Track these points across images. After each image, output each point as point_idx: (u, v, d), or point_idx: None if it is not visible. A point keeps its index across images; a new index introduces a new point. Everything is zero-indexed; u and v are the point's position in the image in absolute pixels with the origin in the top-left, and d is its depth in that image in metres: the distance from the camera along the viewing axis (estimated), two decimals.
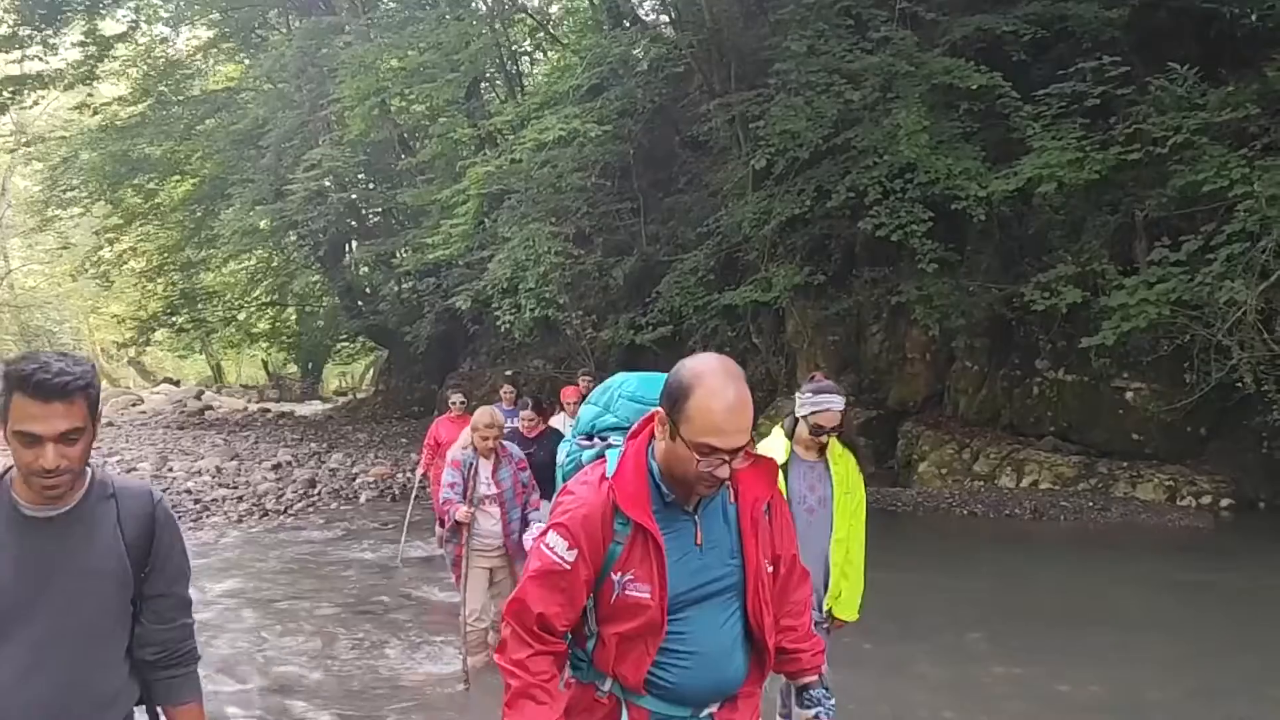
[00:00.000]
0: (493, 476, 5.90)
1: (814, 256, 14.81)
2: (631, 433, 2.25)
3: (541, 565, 2.16)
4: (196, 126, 24.34)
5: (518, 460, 6.06)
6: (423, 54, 16.24)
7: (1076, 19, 12.22)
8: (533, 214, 14.84)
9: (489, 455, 5.89)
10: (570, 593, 2.15)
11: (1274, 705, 5.55)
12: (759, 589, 2.22)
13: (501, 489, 5.90)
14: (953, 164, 11.83)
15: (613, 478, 2.15)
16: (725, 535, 2.21)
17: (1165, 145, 10.68)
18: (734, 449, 2.04)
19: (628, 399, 2.40)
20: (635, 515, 2.11)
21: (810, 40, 12.60)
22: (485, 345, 22.65)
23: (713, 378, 2.04)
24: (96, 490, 2.24)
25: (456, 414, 9.05)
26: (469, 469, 5.87)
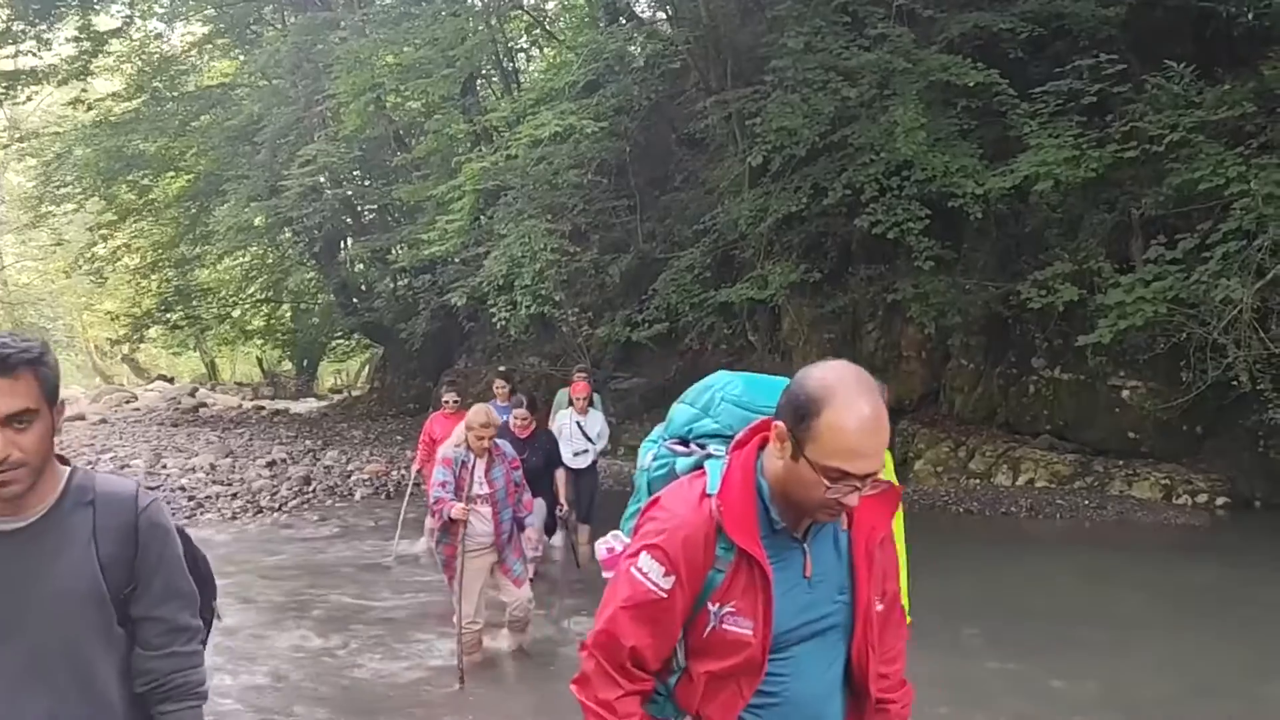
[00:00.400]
0: (485, 476, 5.87)
1: (810, 254, 14.79)
2: (737, 443, 2.00)
3: (634, 594, 1.91)
4: (191, 122, 24.25)
5: (510, 460, 6.04)
6: (418, 50, 16.19)
7: (1073, 17, 12.22)
8: (529, 211, 14.79)
9: (483, 454, 5.86)
10: (665, 624, 1.91)
11: (1268, 703, 5.55)
12: (867, 630, 1.99)
13: (494, 488, 5.87)
14: (949, 161, 11.83)
15: (718, 495, 1.90)
16: (836, 568, 1.98)
17: (1162, 143, 10.68)
18: (867, 474, 1.82)
19: (732, 404, 2.12)
20: (743, 542, 1.87)
21: (807, 37, 12.58)
22: (481, 342, 22.61)
23: (847, 391, 1.81)
24: (73, 495, 1.94)
25: (450, 411, 9.04)
26: (461, 467, 5.83)
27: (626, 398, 18.18)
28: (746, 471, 1.93)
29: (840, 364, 1.88)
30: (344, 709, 5.58)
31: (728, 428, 2.08)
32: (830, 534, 1.98)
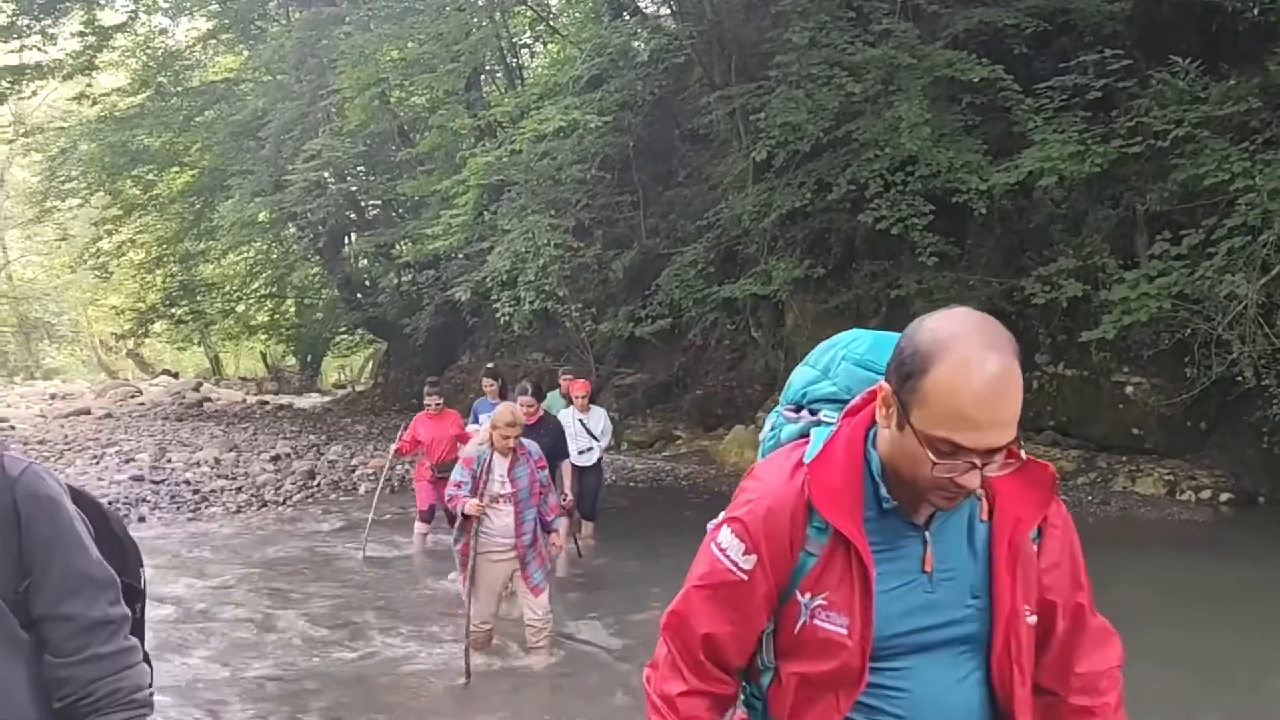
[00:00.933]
0: (508, 474, 5.79)
1: (814, 249, 14.79)
2: (850, 409, 1.68)
3: (711, 572, 1.65)
4: (195, 118, 24.27)
5: (536, 459, 5.93)
6: (422, 45, 16.19)
7: (1078, 12, 12.19)
8: (532, 206, 14.79)
9: (507, 453, 5.78)
10: (746, 611, 1.63)
11: (1273, 698, 5.55)
12: (1011, 644, 1.62)
13: (516, 487, 5.78)
14: (954, 157, 11.80)
15: (810, 464, 1.61)
16: (969, 565, 1.63)
17: (1167, 139, 10.66)
18: (988, 449, 1.47)
19: (853, 363, 1.79)
20: (835, 519, 1.56)
21: (811, 32, 12.55)
22: (484, 338, 22.64)
23: (966, 344, 1.46)
24: None
25: (433, 412, 9.27)
26: (482, 465, 5.74)
27: (629, 393, 18.20)
28: (854, 441, 1.62)
29: (962, 311, 1.55)
30: (349, 702, 5.59)
31: (845, 390, 1.76)
32: (963, 523, 1.64)
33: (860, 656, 1.57)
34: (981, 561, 1.63)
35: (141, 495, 12.02)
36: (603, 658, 6.28)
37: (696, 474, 13.99)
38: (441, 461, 9.13)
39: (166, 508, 11.56)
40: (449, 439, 9.14)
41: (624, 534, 9.71)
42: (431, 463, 9.20)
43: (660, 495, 12.79)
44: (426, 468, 9.27)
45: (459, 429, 9.25)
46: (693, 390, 17.61)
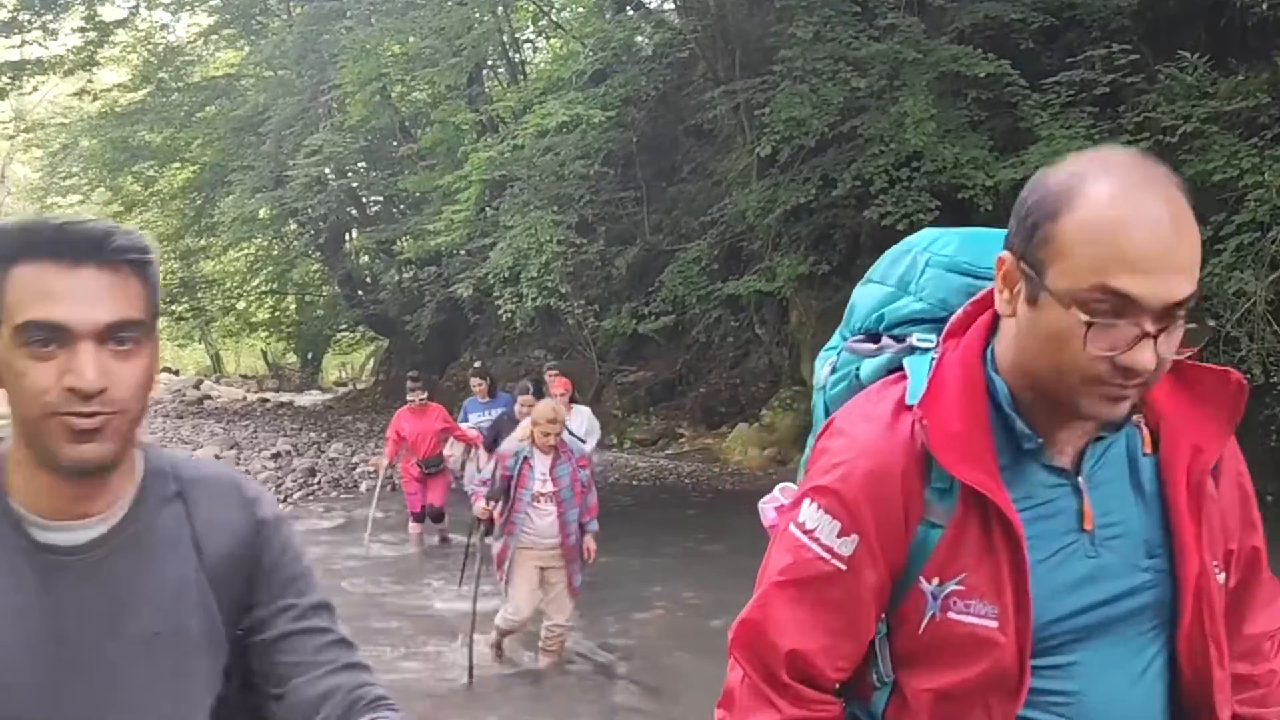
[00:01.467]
0: (550, 472, 5.64)
1: (818, 246, 14.71)
2: (951, 328, 1.28)
3: (794, 565, 1.26)
4: (196, 113, 24.22)
5: (578, 458, 5.80)
6: (424, 39, 16.13)
7: (1085, 7, 12.10)
8: (535, 202, 14.72)
9: (549, 451, 5.64)
10: (848, 613, 1.24)
11: None
12: (1204, 614, 1.22)
13: (559, 486, 5.64)
14: (960, 153, 11.72)
15: (920, 405, 1.21)
16: (1138, 515, 1.24)
17: (1175, 134, 10.56)
18: (1164, 305, 1.09)
19: (944, 268, 1.39)
20: (965, 474, 1.17)
21: (816, 27, 12.47)
22: (486, 335, 22.57)
23: (1118, 170, 1.14)
24: (154, 487, 1.29)
25: (416, 406, 9.18)
26: (519, 463, 5.59)
27: (632, 391, 18.13)
28: (970, 366, 1.23)
29: (1106, 148, 1.22)
30: None
31: (939, 306, 1.36)
32: (1122, 461, 1.24)
33: (1017, 654, 1.19)
34: (1154, 509, 1.23)
35: None
36: (605, 657, 6.21)
37: (700, 472, 13.91)
38: (428, 457, 9.07)
39: None
40: (434, 434, 9.05)
41: (626, 533, 9.61)
42: (417, 459, 9.09)
43: (664, 494, 12.73)
44: (413, 464, 9.17)
45: (445, 422, 9.15)
46: (696, 388, 17.53)
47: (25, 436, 1.16)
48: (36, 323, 1.10)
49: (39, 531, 1.19)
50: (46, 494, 1.18)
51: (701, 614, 7.05)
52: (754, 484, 13.15)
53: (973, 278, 1.36)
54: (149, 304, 1.22)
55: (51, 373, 1.11)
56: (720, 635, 5.58)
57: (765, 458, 14.52)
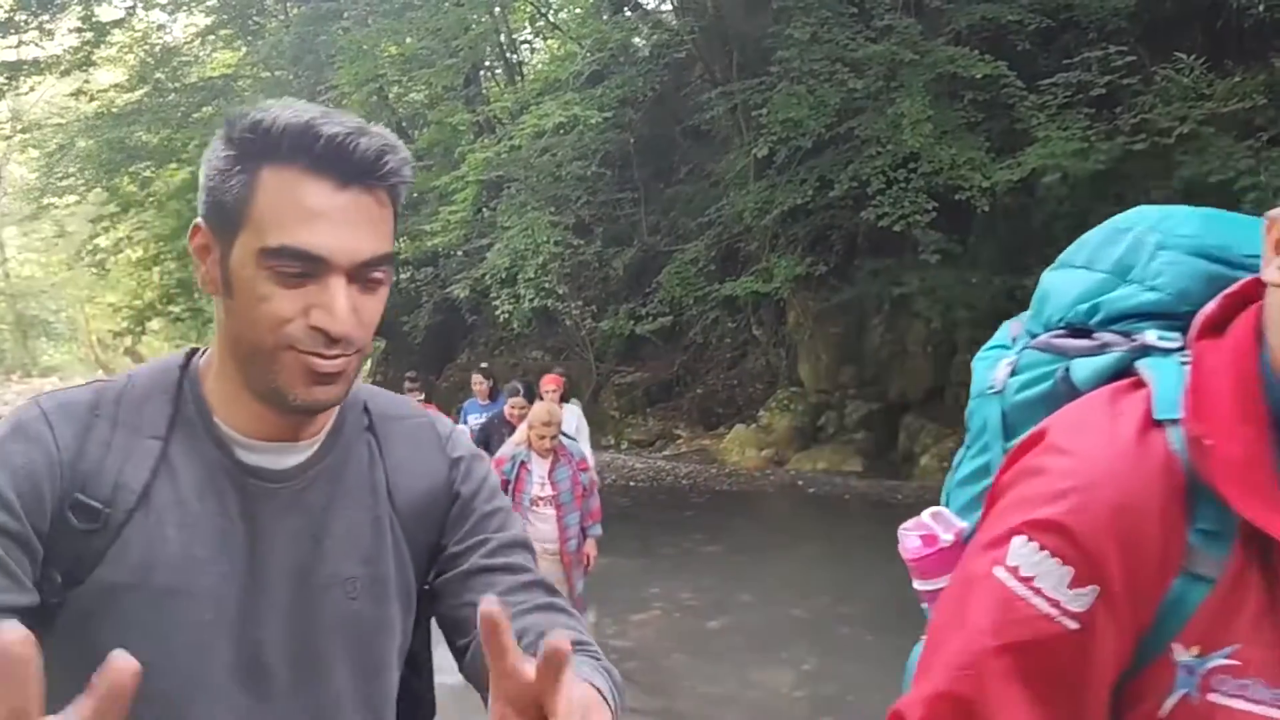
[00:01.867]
0: (549, 476, 5.44)
1: (815, 247, 14.72)
2: (1205, 322, 1.03)
3: (1009, 621, 0.95)
4: (193, 114, 24.12)
5: (579, 460, 5.60)
6: (421, 40, 16.12)
7: (1082, 8, 12.12)
8: (532, 203, 14.73)
9: (546, 454, 5.43)
10: (1077, 687, 0.94)
11: None
12: None
13: (558, 490, 5.44)
14: (956, 154, 11.74)
15: (1189, 421, 0.95)
16: None
17: (1171, 136, 10.59)
18: None
19: (1188, 251, 1.13)
20: (1261, 516, 0.90)
21: (813, 28, 12.49)
22: (483, 335, 22.55)
23: None
24: (350, 418, 1.18)
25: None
26: (516, 467, 5.38)
27: (630, 392, 18.13)
28: (1245, 373, 0.96)
29: None
30: None
31: (1179, 298, 1.09)
32: None
33: None
34: None
35: None
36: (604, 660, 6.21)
37: (697, 473, 13.91)
38: None
39: None
40: None
41: (624, 534, 9.61)
42: None
43: (661, 494, 12.72)
44: None
45: None
46: (694, 389, 17.53)
47: (247, 361, 1.05)
48: (293, 249, 0.98)
49: (245, 453, 1.09)
50: (254, 419, 1.08)
51: (699, 615, 7.06)
52: (751, 484, 13.15)
53: (1225, 265, 1.10)
54: (395, 231, 1.09)
55: (298, 302, 1.00)
56: (716, 636, 5.60)
57: (763, 458, 14.53)
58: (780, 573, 8.66)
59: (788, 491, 12.74)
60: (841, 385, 15.09)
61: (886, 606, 7.42)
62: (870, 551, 9.91)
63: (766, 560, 9.16)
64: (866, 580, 8.30)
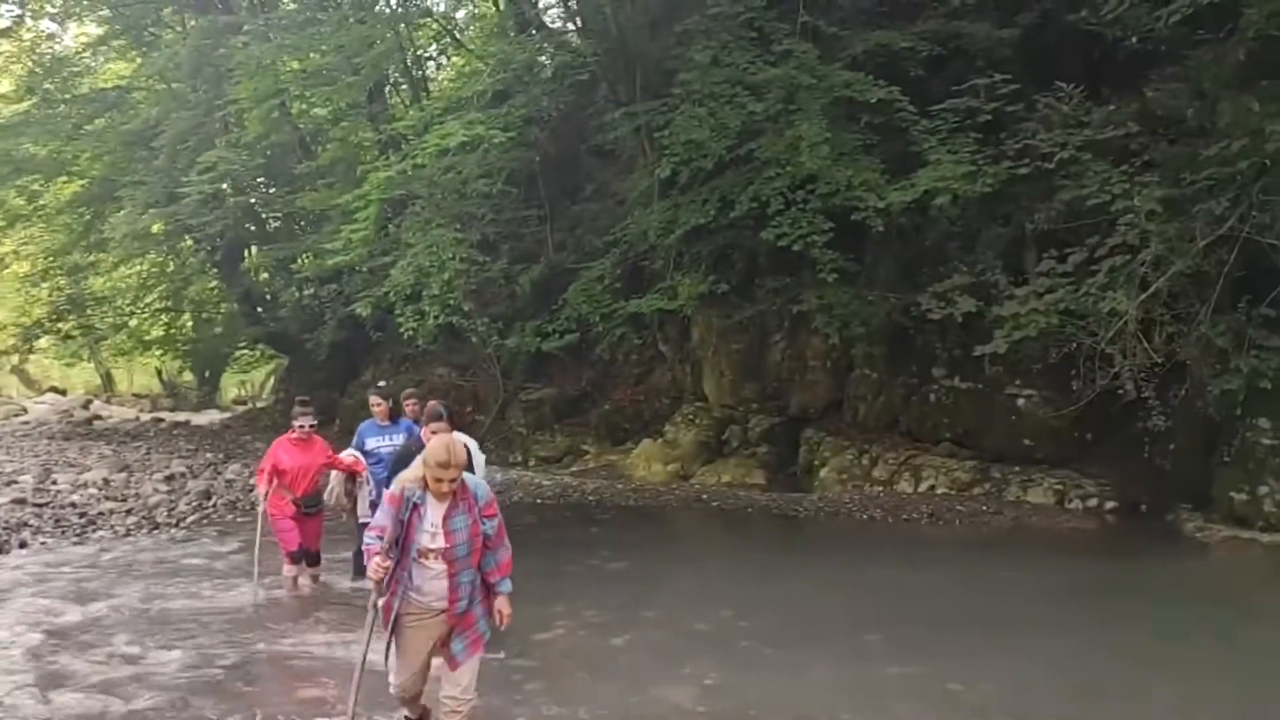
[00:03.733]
0: (443, 524, 4.55)
1: (718, 265, 14.98)
2: None
3: None
4: (85, 126, 23.46)
5: (484, 505, 4.68)
6: (324, 56, 15.98)
7: (970, 37, 12.64)
8: (437, 220, 14.69)
9: (443, 498, 4.56)
10: None
11: (1156, 703, 5.78)
12: None
13: (452, 542, 4.55)
14: (853, 175, 12.10)
15: None
16: None
17: (1052, 161, 11.09)
18: None
19: None
20: None
21: (714, 51, 12.76)
22: (388, 352, 22.30)
23: None
24: None
25: (299, 437, 8.19)
26: (409, 509, 4.55)
27: (537, 407, 18.14)
28: None
29: None
30: None
31: None
32: None
33: None
34: None
35: (23, 519, 11.49)
36: (506, 680, 6.22)
37: (604, 488, 13.99)
38: (307, 494, 8.25)
39: (50, 532, 11.07)
40: (316, 468, 8.23)
41: (529, 553, 9.58)
42: (295, 496, 8.22)
43: (568, 511, 12.76)
44: (288, 502, 8.22)
45: (328, 457, 8.28)
46: (601, 404, 17.62)
47: None
48: None
49: None
50: None
51: (603, 633, 7.12)
52: (657, 499, 13.29)
53: None
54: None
55: None
56: (621, 653, 5.65)
57: (669, 473, 14.69)
58: (684, 588, 8.79)
59: (692, 506, 12.91)
60: (745, 400, 15.35)
61: (786, 619, 7.61)
62: (770, 564, 10.14)
63: (671, 575, 9.28)
64: (768, 594, 8.49)
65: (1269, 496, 9.99)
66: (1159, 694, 5.88)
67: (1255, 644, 6.94)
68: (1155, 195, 10.17)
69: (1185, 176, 10.30)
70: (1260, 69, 10.29)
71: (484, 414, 18.04)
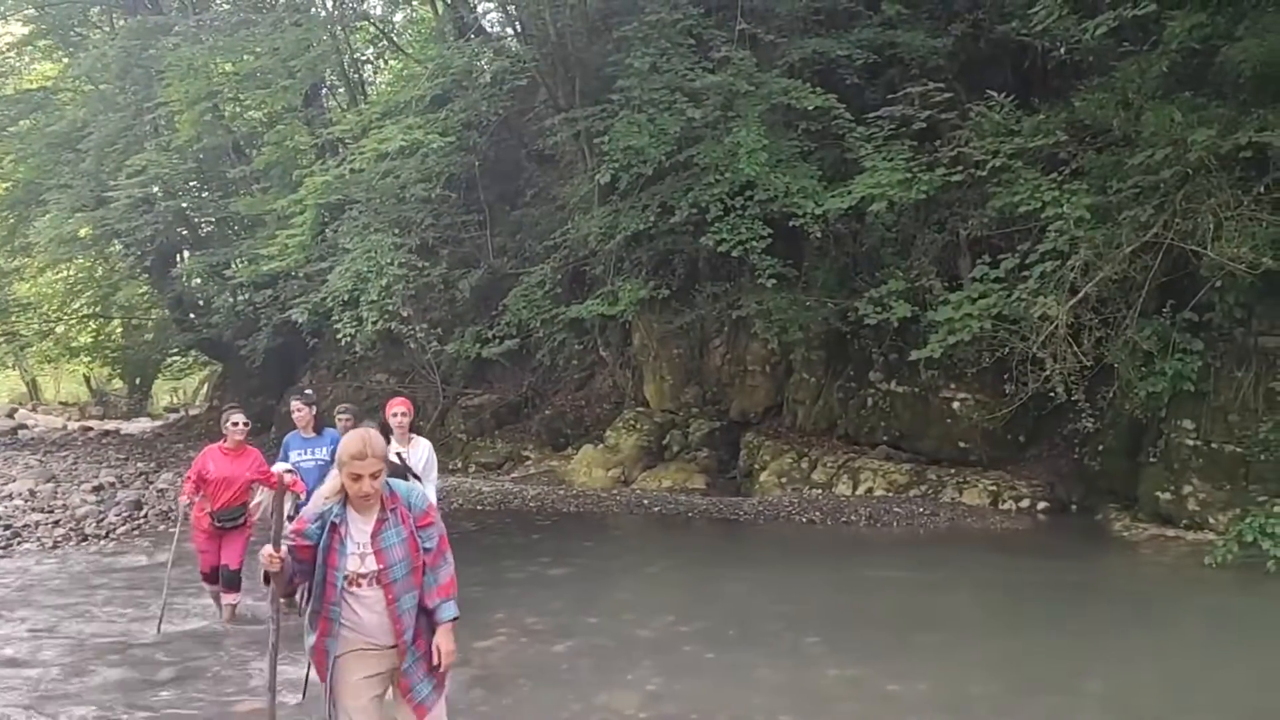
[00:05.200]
0: (372, 542, 3.70)
1: (659, 271, 15.03)
2: None
3: None
4: (9, 128, 22.83)
5: (420, 513, 3.80)
6: (258, 58, 15.72)
7: (905, 46, 12.83)
8: (375, 224, 14.53)
9: (367, 509, 3.71)
10: None
11: (1089, 698, 5.91)
12: None
13: (385, 563, 3.68)
14: (790, 182, 12.21)
15: None
16: None
17: (985, 168, 11.29)
18: None
19: None
20: None
21: (653, 58, 12.80)
22: (326, 359, 22.02)
23: None
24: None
25: (231, 446, 7.49)
26: (326, 531, 3.68)
27: (478, 414, 18.04)
28: None
29: None
30: None
31: None
32: None
33: None
34: None
35: None
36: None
37: (545, 495, 13.95)
38: (227, 507, 7.50)
39: None
40: (244, 482, 7.52)
41: (469, 560, 9.53)
42: (213, 509, 7.48)
43: (508, 518, 12.70)
44: (205, 515, 7.53)
45: (258, 471, 7.59)
46: (542, 410, 17.58)
47: None
48: None
49: None
50: None
51: (544, 640, 7.10)
52: (599, 505, 13.28)
53: None
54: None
55: None
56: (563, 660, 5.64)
57: (610, 478, 14.69)
58: (625, 593, 8.79)
59: (633, 511, 12.92)
60: (685, 404, 15.42)
61: (725, 622, 7.66)
62: (711, 568, 10.18)
63: (612, 581, 9.28)
64: (709, 598, 8.53)
65: (1192, 495, 10.27)
66: (1092, 688, 6.02)
67: (1182, 637, 7.15)
68: (1083, 203, 10.40)
69: (1112, 184, 10.56)
70: (1182, 80, 10.60)
71: (424, 420, 17.85)
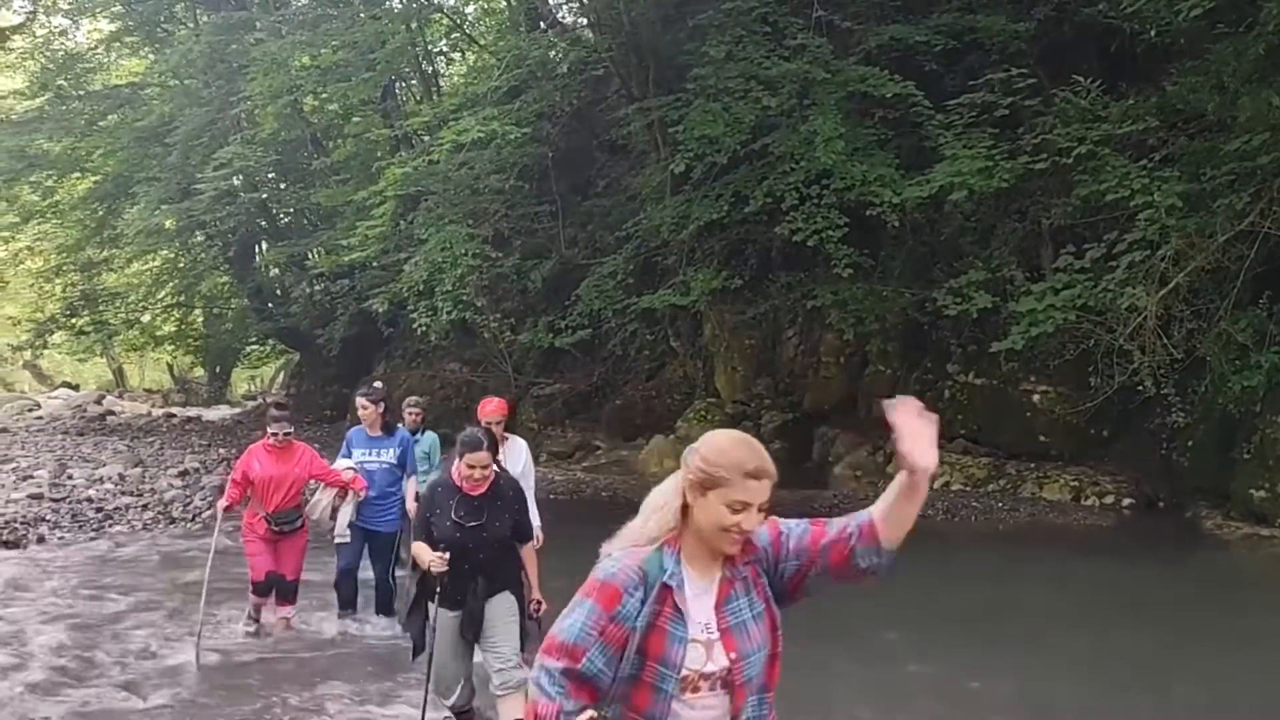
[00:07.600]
0: (717, 620, 2.82)
1: (731, 260, 14.93)
2: None
3: None
4: (98, 122, 23.52)
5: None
6: (336, 53, 15.95)
7: (985, 31, 12.55)
8: (450, 216, 14.66)
9: (712, 569, 2.73)
10: None
11: (1176, 701, 5.74)
12: None
13: (738, 651, 2.61)
14: (867, 171, 12.03)
15: None
16: None
17: (1070, 155, 11.02)
18: None
19: None
20: None
21: (728, 46, 12.70)
22: (400, 348, 22.32)
23: None
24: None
25: (276, 443, 6.82)
26: (649, 599, 2.39)
27: (549, 404, 18.13)
28: None
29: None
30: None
31: None
32: None
33: None
34: None
35: (40, 514, 11.53)
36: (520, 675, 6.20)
37: (617, 484, 13.98)
38: (280, 509, 6.82)
39: (67, 527, 11.11)
40: (294, 480, 6.86)
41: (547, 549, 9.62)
42: (266, 512, 6.80)
43: (581, 507, 12.75)
44: (260, 519, 6.85)
45: (313, 469, 6.96)
46: (612, 400, 17.60)
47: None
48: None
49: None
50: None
51: None
52: None
53: None
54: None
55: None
56: None
57: None
58: None
59: None
60: (757, 396, 15.31)
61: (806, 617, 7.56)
62: None
63: None
64: None
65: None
66: (1180, 692, 5.84)
67: (1277, 642, 6.89)
68: (1175, 190, 10.10)
69: (1205, 171, 10.23)
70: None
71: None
